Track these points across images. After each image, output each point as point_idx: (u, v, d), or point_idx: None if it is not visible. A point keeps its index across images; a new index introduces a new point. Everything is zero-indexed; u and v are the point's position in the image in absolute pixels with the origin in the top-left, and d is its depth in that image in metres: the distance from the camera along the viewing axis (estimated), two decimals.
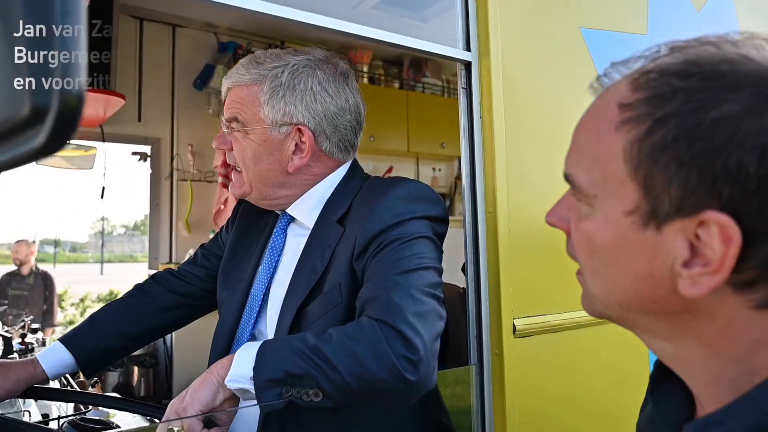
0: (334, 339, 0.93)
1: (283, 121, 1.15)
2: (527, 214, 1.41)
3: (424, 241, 1.08)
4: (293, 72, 1.16)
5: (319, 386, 0.90)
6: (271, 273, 1.21)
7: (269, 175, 1.18)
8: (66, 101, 0.46)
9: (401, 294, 0.98)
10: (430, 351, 0.95)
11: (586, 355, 1.49)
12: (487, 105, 1.38)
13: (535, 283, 1.41)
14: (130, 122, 3.20)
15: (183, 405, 0.91)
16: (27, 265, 4.12)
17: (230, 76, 1.17)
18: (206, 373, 0.95)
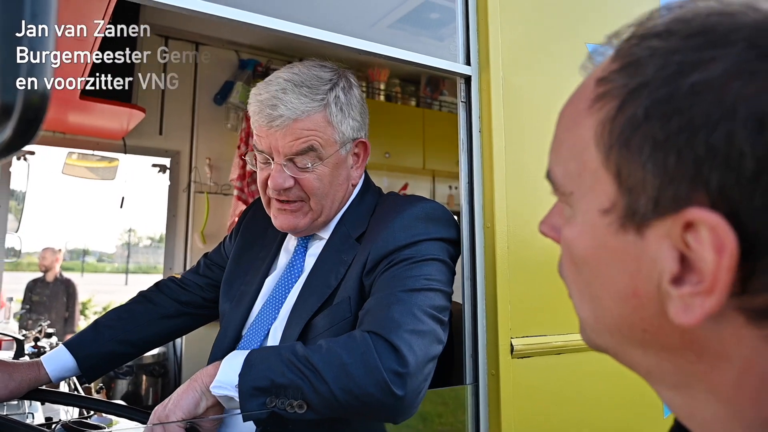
0: (324, 349, 0.92)
1: (350, 137, 1.17)
2: (527, 230, 1.38)
3: (436, 264, 1.09)
4: (344, 87, 1.16)
5: (305, 397, 0.89)
6: (286, 294, 1.19)
7: (338, 196, 1.19)
8: (30, 99, 0.47)
9: (402, 310, 0.97)
10: (420, 369, 0.94)
11: (589, 380, 1.44)
12: (486, 119, 1.36)
13: (534, 302, 1.37)
14: (151, 135, 3.29)
15: (165, 412, 0.91)
16: (52, 272, 4.23)
17: (288, 109, 1.08)
18: (190, 380, 0.95)
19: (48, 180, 5.87)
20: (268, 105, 1.10)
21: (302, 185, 1.13)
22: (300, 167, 1.12)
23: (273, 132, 1.10)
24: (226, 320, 1.24)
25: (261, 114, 1.11)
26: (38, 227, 13.36)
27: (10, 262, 3.11)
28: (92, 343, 1.28)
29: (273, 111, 1.09)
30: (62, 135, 3.14)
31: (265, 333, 1.16)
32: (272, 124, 1.09)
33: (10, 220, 3.09)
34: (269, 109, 1.09)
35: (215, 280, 1.39)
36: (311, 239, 1.24)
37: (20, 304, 4.06)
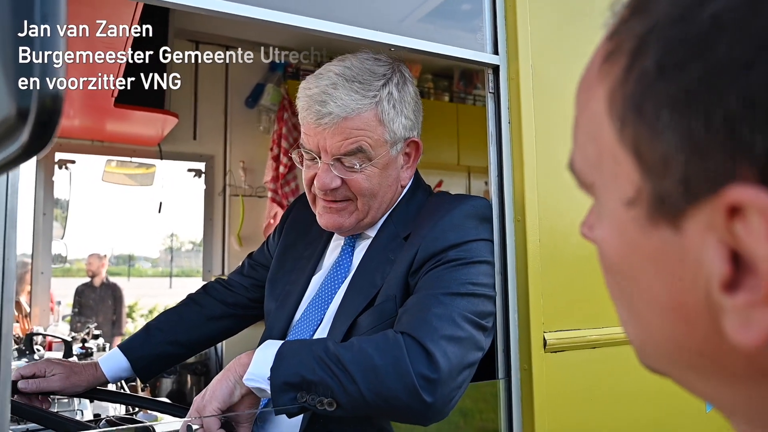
0: (355, 348, 0.92)
1: (402, 136, 1.13)
2: (559, 222, 1.35)
3: (484, 266, 1.07)
4: (398, 83, 1.12)
5: (334, 396, 0.89)
6: (334, 293, 1.18)
7: (387, 197, 1.16)
8: (44, 102, 0.47)
9: (441, 314, 0.95)
10: (453, 377, 0.92)
11: (624, 374, 1.39)
12: (515, 110, 1.33)
13: (568, 295, 1.34)
14: (185, 140, 3.36)
15: (203, 402, 0.93)
16: (98, 277, 4.38)
17: (338, 106, 1.05)
18: (225, 369, 0.96)
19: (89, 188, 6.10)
20: (317, 101, 1.06)
21: (350, 186, 1.10)
22: (348, 167, 1.09)
23: (321, 130, 1.06)
24: (271, 320, 1.25)
25: (309, 110, 1.07)
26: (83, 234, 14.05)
27: (58, 267, 3.23)
28: (143, 345, 1.32)
29: (322, 107, 1.05)
30: (100, 143, 3.25)
31: (311, 333, 1.15)
32: (321, 121, 1.06)
33: (55, 227, 3.21)
34: (318, 105, 1.05)
35: (260, 280, 1.39)
36: (359, 238, 1.22)
37: (70, 308, 4.23)
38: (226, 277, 1.49)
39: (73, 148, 3.21)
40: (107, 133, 3.07)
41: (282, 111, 3.26)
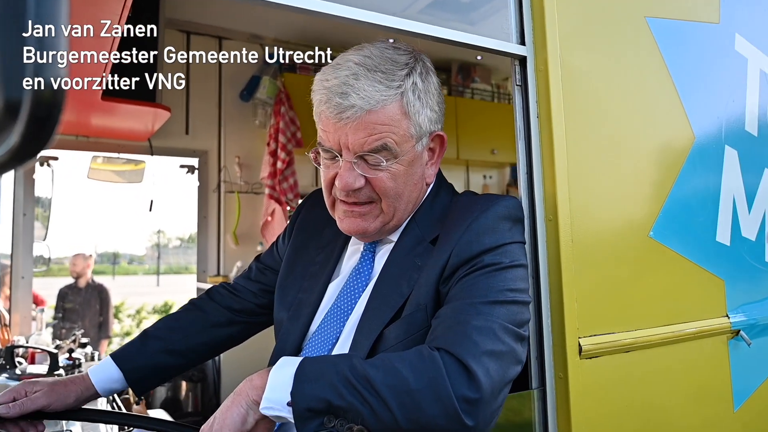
0: (387, 369, 0.83)
1: (427, 130, 1.05)
2: (592, 221, 1.29)
3: (520, 271, 0.99)
4: (422, 73, 1.04)
5: (365, 422, 0.81)
6: (353, 304, 1.09)
7: (413, 197, 1.07)
8: (41, 96, 0.40)
9: (481, 327, 0.88)
10: (495, 396, 0.85)
11: (658, 377, 1.37)
12: (544, 103, 1.26)
13: (601, 297, 1.29)
14: (177, 135, 3.24)
15: (207, 429, 0.85)
16: (84, 278, 4.24)
17: (362, 98, 0.96)
18: (234, 394, 0.88)
19: (74, 185, 5.97)
20: (337, 93, 0.97)
21: (374, 185, 1.02)
22: (372, 165, 1.00)
23: (342, 125, 0.97)
24: (283, 332, 1.15)
25: (329, 104, 0.98)
26: (66, 233, 13.81)
27: (39, 271, 3.10)
28: (139, 355, 1.21)
29: (343, 100, 0.96)
30: (86, 138, 3.10)
31: (330, 347, 1.06)
32: (342, 116, 0.97)
33: (37, 227, 3.07)
34: (339, 97, 0.96)
35: (269, 285, 1.30)
36: (379, 242, 1.13)
37: (53, 311, 4.08)
38: (232, 281, 1.39)
39: (55, 144, 3.04)
40: (93, 127, 2.93)
41: (279, 104, 3.16)
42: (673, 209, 1.42)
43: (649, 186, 1.42)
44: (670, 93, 1.47)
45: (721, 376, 1.50)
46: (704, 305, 1.50)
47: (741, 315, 1.56)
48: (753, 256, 1.66)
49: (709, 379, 1.48)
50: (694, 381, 1.44)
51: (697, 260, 1.48)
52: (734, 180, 1.60)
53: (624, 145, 1.38)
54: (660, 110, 1.46)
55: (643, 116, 1.42)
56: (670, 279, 1.43)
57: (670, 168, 1.46)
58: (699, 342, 1.46)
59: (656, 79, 1.45)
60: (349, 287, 1.10)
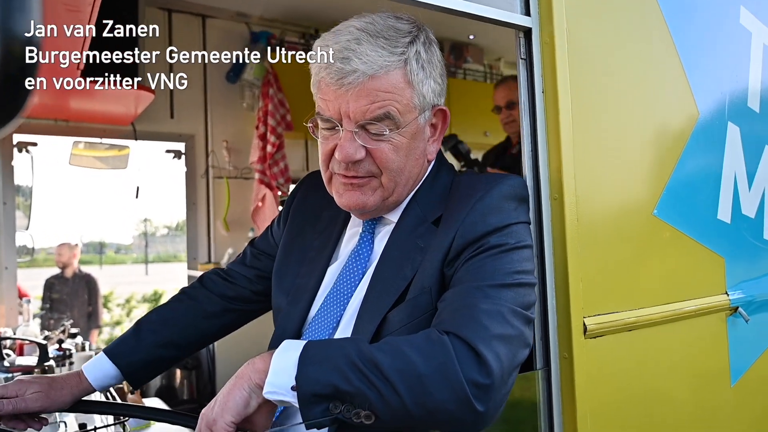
0: (394, 353, 0.81)
1: (430, 102, 1.02)
2: (597, 199, 1.27)
3: (526, 252, 0.97)
4: (425, 42, 1.01)
5: (373, 408, 0.78)
6: (354, 288, 1.06)
7: (414, 172, 1.04)
8: (10, 46, 0.35)
9: (489, 310, 0.86)
10: (505, 381, 0.83)
11: (661, 354, 1.38)
12: (550, 77, 1.22)
13: (606, 277, 1.27)
14: (162, 119, 3.15)
15: (213, 416, 0.83)
16: (70, 268, 4.16)
17: (364, 63, 0.93)
18: (236, 377, 0.85)
19: (55, 173, 5.82)
20: (338, 58, 0.93)
21: (375, 157, 0.98)
22: (374, 134, 0.97)
23: (344, 92, 0.94)
24: (282, 318, 1.12)
25: (329, 69, 0.94)
26: (50, 222, 13.67)
27: (23, 261, 3.02)
28: (134, 350, 1.18)
29: (345, 65, 0.93)
30: (65, 123, 3.00)
31: (331, 331, 1.03)
32: (343, 81, 0.93)
33: (18, 217, 2.99)
34: (340, 62, 0.93)
35: (265, 270, 1.26)
36: (378, 223, 1.10)
37: (39, 302, 4.00)
38: (225, 267, 1.35)
39: (34, 129, 2.93)
40: (73, 111, 2.82)
41: (267, 86, 3.09)
42: (677, 187, 1.40)
43: (654, 163, 1.40)
44: (675, 67, 1.44)
45: (719, 352, 1.52)
46: (705, 283, 1.50)
47: (740, 292, 1.56)
48: (752, 234, 1.65)
49: (708, 356, 1.49)
50: (694, 358, 1.45)
51: (698, 238, 1.47)
52: (736, 157, 1.59)
53: (630, 120, 1.35)
54: (666, 85, 1.44)
55: (649, 91, 1.40)
56: (673, 257, 1.42)
57: (674, 144, 1.44)
58: (699, 319, 1.46)
59: (662, 52, 1.42)
60: (348, 270, 1.07)
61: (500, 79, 2.73)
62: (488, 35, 3.72)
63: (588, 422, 1.18)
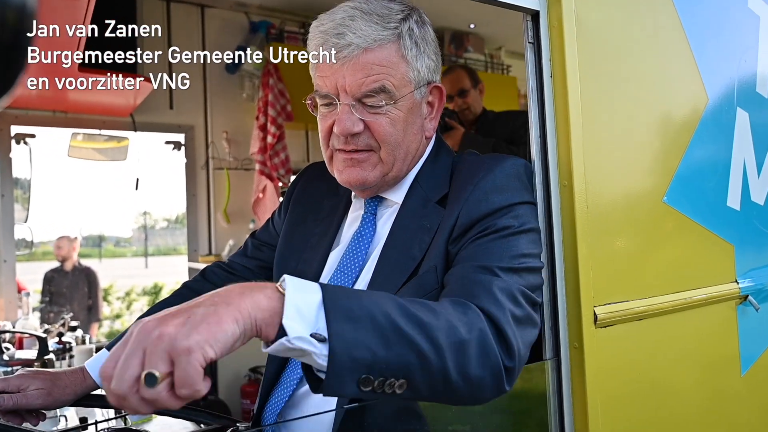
0: (437, 315, 0.74)
1: (426, 79, 1.05)
2: (607, 186, 1.25)
3: (532, 234, 0.98)
4: (418, 21, 1.04)
5: (409, 375, 0.70)
6: (358, 270, 1.05)
7: (412, 148, 1.06)
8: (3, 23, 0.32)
9: (503, 290, 0.85)
10: (523, 362, 0.84)
11: (671, 343, 1.36)
12: (559, 62, 1.20)
13: (616, 265, 1.25)
14: (161, 110, 3.12)
15: (186, 342, 0.59)
16: (70, 261, 4.14)
17: (358, 37, 0.96)
18: (223, 301, 0.65)
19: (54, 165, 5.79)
20: (333, 34, 0.97)
21: (373, 130, 1.00)
22: (371, 106, 0.99)
23: (339, 66, 0.97)
24: None
25: (325, 45, 0.97)
26: (49, 215, 13.69)
27: (22, 254, 3.00)
28: None
29: (340, 39, 0.96)
30: (64, 114, 2.97)
31: None
32: (339, 55, 0.96)
33: (17, 210, 2.97)
34: (335, 38, 0.96)
35: (267, 261, 1.26)
36: (381, 205, 1.11)
37: (39, 295, 3.98)
38: (227, 260, 1.34)
39: (32, 121, 2.91)
40: (71, 102, 2.80)
41: (267, 76, 3.05)
42: (686, 173, 1.38)
43: (664, 149, 1.38)
44: (684, 51, 1.41)
45: (729, 341, 1.50)
46: (715, 271, 1.48)
47: (749, 280, 1.55)
48: (761, 221, 1.64)
49: (718, 345, 1.48)
50: (704, 347, 1.44)
51: (708, 225, 1.45)
52: (745, 143, 1.57)
53: (639, 106, 1.33)
54: (675, 70, 1.41)
55: (658, 76, 1.37)
56: (683, 245, 1.40)
57: (683, 130, 1.41)
58: (709, 308, 1.45)
59: (671, 35, 1.40)
60: (351, 252, 1.07)
61: (446, 69, 2.70)
62: (489, 24, 3.69)
63: (599, 412, 1.17)
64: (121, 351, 0.61)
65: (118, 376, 0.59)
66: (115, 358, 0.60)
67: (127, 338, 0.62)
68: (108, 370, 0.60)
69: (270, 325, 0.66)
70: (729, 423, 1.49)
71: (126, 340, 0.62)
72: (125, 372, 0.59)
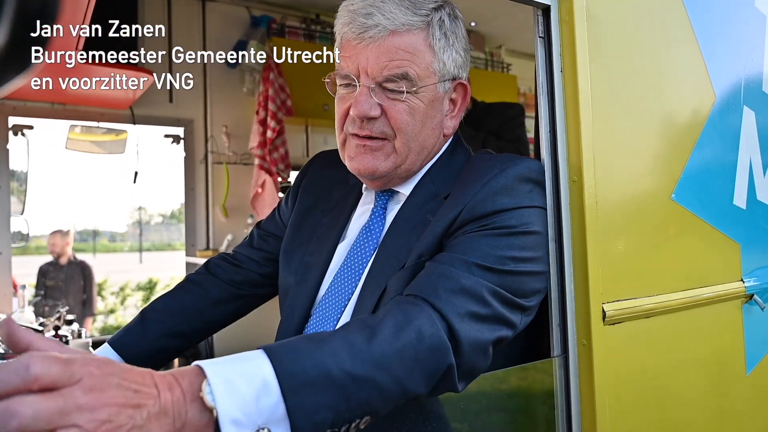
0: (391, 335, 0.74)
1: (452, 73, 1.02)
2: (617, 182, 1.24)
3: (531, 238, 0.96)
4: (450, 14, 1.02)
5: (372, 410, 0.70)
6: (364, 265, 1.03)
7: (428, 142, 1.04)
8: None
9: (468, 288, 0.83)
10: (477, 360, 0.83)
11: (677, 342, 1.36)
12: (569, 56, 1.19)
13: (625, 262, 1.24)
14: (161, 103, 3.10)
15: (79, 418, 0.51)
16: (64, 256, 4.11)
17: (387, 18, 0.94)
18: (155, 392, 0.57)
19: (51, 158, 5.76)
20: (361, 14, 0.95)
21: (390, 117, 0.98)
22: (391, 91, 0.97)
23: (364, 47, 0.95)
24: (291, 297, 1.09)
25: (353, 24, 0.95)
26: (44, 209, 13.59)
27: (18, 246, 2.97)
28: (140, 341, 1.14)
29: (367, 20, 0.94)
30: (62, 106, 2.94)
31: (342, 308, 1.00)
32: (365, 35, 0.94)
33: (13, 202, 2.93)
34: (363, 17, 0.94)
35: (273, 252, 1.23)
36: (391, 199, 1.08)
37: (33, 289, 3.95)
38: (232, 251, 1.31)
39: (30, 112, 2.88)
40: (70, 94, 2.77)
41: (267, 71, 3.04)
42: (694, 171, 1.38)
43: (673, 146, 1.37)
44: (693, 49, 1.41)
45: (735, 340, 1.50)
46: (721, 269, 1.48)
47: (755, 279, 1.55)
48: (767, 220, 1.64)
49: (724, 344, 1.47)
50: (710, 345, 1.43)
51: (715, 224, 1.45)
52: (751, 142, 1.57)
53: (649, 102, 1.32)
54: (684, 67, 1.41)
55: (667, 73, 1.37)
56: (690, 243, 1.40)
57: (692, 128, 1.41)
58: (715, 306, 1.44)
59: (680, 33, 1.39)
60: (358, 246, 1.05)
61: None
62: (490, 23, 3.68)
63: (606, 408, 1.16)
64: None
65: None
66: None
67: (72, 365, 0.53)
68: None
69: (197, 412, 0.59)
70: (735, 421, 1.49)
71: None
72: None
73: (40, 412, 0.48)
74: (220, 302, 1.21)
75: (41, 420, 0.48)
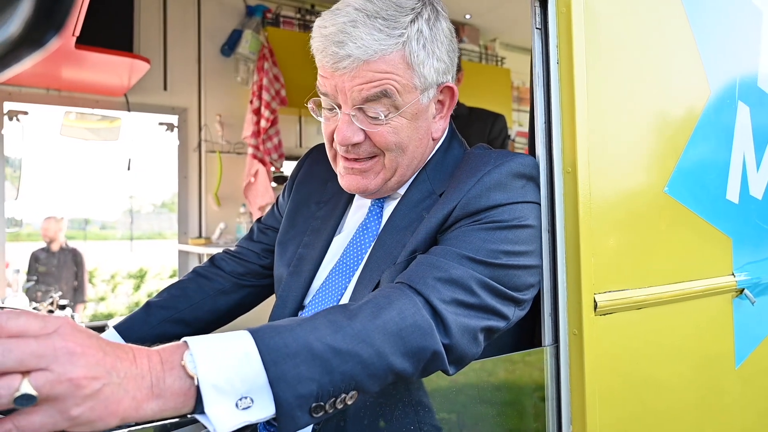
0: (373, 314, 0.75)
1: (434, 81, 1.00)
2: (610, 174, 1.24)
3: (525, 231, 0.96)
4: (429, 18, 0.97)
5: (357, 385, 0.70)
6: (362, 258, 1.04)
7: (417, 153, 1.03)
8: None
9: (457, 277, 0.84)
10: (465, 347, 0.83)
11: (668, 334, 1.36)
12: (566, 48, 1.19)
13: (617, 253, 1.25)
14: (155, 91, 3.09)
15: (70, 401, 0.52)
16: (56, 242, 4.10)
17: (359, 47, 0.90)
18: (131, 356, 0.58)
19: (44, 144, 5.74)
20: (333, 41, 0.92)
21: (374, 140, 0.97)
22: (372, 118, 0.95)
23: (339, 75, 0.93)
24: (284, 288, 1.10)
25: (325, 52, 0.93)
26: (37, 195, 13.51)
27: (12, 232, 2.95)
28: (143, 325, 1.16)
29: (339, 49, 0.91)
30: (57, 92, 2.92)
31: (336, 301, 1.01)
32: (338, 65, 0.92)
33: (7, 188, 2.91)
34: (335, 46, 0.91)
35: (271, 244, 1.26)
36: (388, 197, 1.09)
37: (25, 275, 3.93)
38: (234, 247, 1.35)
39: (25, 98, 2.87)
40: (65, 80, 2.75)
41: (262, 60, 3.02)
42: (688, 165, 1.38)
43: (667, 139, 1.38)
44: (689, 44, 1.41)
45: (724, 334, 1.51)
46: (712, 263, 1.49)
47: (746, 274, 1.55)
48: (759, 216, 1.64)
49: (714, 337, 1.48)
50: (700, 338, 1.44)
51: (707, 218, 1.45)
52: (745, 137, 1.57)
53: (644, 95, 1.32)
54: (679, 61, 1.41)
55: (663, 67, 1.37)
56: (683, 236, 1.40)
57: (686, 121, 1.41)
58: (706, 300, 1.45)
59: (676, 27, 1.39)
60: (355, 242, 1.05)
61: None
62: (484, 16, 3.67)
63: (596, 398, 1.17)
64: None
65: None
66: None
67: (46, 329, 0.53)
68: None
69: (187, 406, 0.60)
70: (723, 414, 1.50)
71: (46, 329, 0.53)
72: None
73: (10, 351, 0.48)
74: (223, 292, 1.24)
75: (11, 359, 0.48)
